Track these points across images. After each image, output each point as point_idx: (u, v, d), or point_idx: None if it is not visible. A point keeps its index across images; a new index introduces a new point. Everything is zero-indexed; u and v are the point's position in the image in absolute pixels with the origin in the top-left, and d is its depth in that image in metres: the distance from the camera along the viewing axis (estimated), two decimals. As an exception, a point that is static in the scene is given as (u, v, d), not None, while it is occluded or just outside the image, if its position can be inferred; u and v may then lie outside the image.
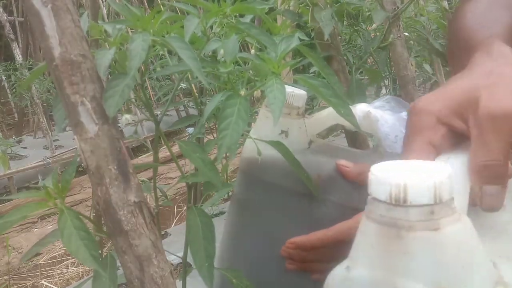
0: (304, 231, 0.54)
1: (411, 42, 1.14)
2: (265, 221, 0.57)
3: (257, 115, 0.59)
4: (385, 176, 0.30)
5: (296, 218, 0.56)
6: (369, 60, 1.11)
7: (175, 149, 0.49)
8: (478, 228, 0.39)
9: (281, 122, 0.54)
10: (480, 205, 0.36)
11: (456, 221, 0.30)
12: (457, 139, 0.39)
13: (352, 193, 0.54)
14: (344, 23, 1.06)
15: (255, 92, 0.44)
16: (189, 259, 0.49)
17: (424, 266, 0.30)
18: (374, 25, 1.13)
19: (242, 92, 0.42)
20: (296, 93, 0.54)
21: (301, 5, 0.80)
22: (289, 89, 0.53)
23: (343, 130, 0.76)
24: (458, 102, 0.38)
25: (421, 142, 0.39)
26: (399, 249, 0.30)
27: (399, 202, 0.29)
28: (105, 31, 0.43)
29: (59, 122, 0.42)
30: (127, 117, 0.46)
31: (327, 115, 0.58)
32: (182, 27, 0.43)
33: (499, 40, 0.42)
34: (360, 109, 0.57)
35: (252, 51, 0.57)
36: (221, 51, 0.47)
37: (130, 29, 0.43)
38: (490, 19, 0.45)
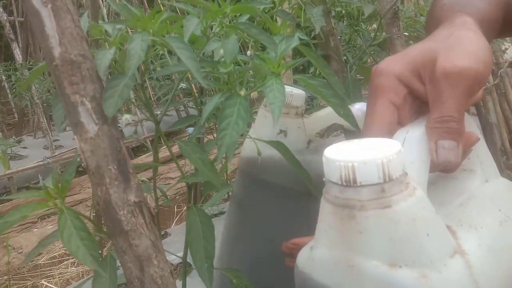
0: (303, 230, 0.54)
1: (411, 42, 1.14)
2: (264, 220, 0.57)
3: (256, 115, 0.59)
4: (335, 158, 0.30)
5: (295, 217, 0.56)
6: (369, 60, 1.12)
7: (175, 149, 0.49)
8: (446, 195, 0.39)
9: (280, 122, 0.54)
10: (436, 160, 0.36)
11: (409, 196, 0.30)
12: (418, 101, 0.40)
13: None
14: (344, 23, 1.06)
15: (252, 92, 0.44)
16: (189, 259, 0.49)
17: (378, 244, 0.30)
18: (374, 25, 1.13)
19: (242, 92, 0.42)
20: (295, 92, 0.54)
21: (294, 6, 0.80)
22: (287, 89, 0.53)
23: (342, 130, 0.76)
24: (417, 63, 0.39)
25: (383, 102, 0.39)
26: (354, 228, 0.30)
27: (349, 183, 0.30)
28: (105, 31, 0.43)
29: (58, 122, 0.42)
30: (127, 117, 0.46)
31: (326, 115, 0.58)
32: (182, 27, 0.43)
33: (465, 14, 0.43)
34: (358, 108, 0.57)
35: (249, 52, 0.57)
36: (220, 51, 0.47)
37: (130, 29, 0.43)
38: (465, 2, 0.45)
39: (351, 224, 0.30)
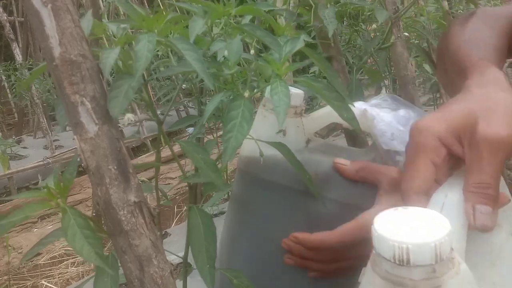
0: (302, 229, 0.54)
1: (410, 42, 1.14)
2: (263, 219, 0.57)
3: (255, 115, 0.59)
4: (388, 236, 0.32)
5: (294, 216, 0.56)
6: (369, 60, 1.11)
7: (175, 149, 0.49)
8: (477, 252, 0.41)
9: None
10: (474, 223, 0.38)
11: (455, 274, 0.32)
12: (455, 161, 0.41)
13: (349, 190, 0.55)
14: (344, 23, 1.06)
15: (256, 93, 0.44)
16: (189, 259, 0.49)
17: None
18: (374, 25, 1.13)
19: (246, 94, 0.42)
20: (294, 92, 0.54)
21: (300, 6, 0.79)
22: (294, 90, 0.53)
23: (342, 130, 0.76)
24: (457, 125, 0.41)
25: (424, 161, 0.40)
26: None
27: (402, 262, 0.31)
28: (110, 30, 0.43)
29: (61, 122, 0.42)
30: (129, 116, 0.46)
31: (325, 114, 0.58)
32: (186, 27, 0.43)
33: (491, 64, 0.45)
34: (356, 107, 0.57)
35: (252, 51, 0.57)
36: (224, 52, 0.46)
37: (131, 28, 0.43)
38: (479, 41, 0.47)
39: None
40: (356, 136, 0.79)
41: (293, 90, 0.55)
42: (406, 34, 1.07)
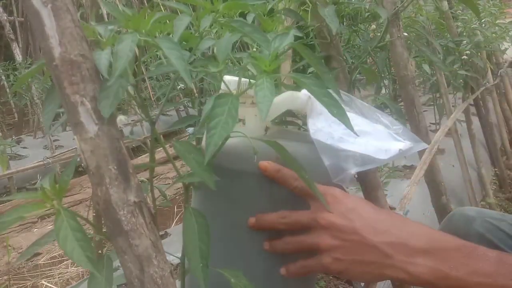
0: (266, 210, 0.56)
1: (409, 42, 1.14)
2: (230, 206, 0.58)
3: None
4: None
5: (257, 198, 0.57)
6: (369, 60, 1.12)
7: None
8: None
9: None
10: None
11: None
12: None
13: (308, 172, 0.57)
14: (344, 24, 1.06)
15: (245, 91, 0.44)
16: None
17: None
18: (373, 26, 1.13)
19: (234, 91, 0.42)
20: (244, 80, 0.54)
21: (301, 7, 0.79)
22: (243, 78, 0.53)
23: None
24: None
25: None
26: None
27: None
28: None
29: (47, 124, 0.41)
30: (121, 118, 0.46)
31: (280, 102, 0.60)
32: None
33: None
34: (304, 92, 0.60)
35: (254, 50, 0.57)
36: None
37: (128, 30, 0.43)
38: None
39: None
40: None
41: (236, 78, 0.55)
42: (406, 34, 1.07)
